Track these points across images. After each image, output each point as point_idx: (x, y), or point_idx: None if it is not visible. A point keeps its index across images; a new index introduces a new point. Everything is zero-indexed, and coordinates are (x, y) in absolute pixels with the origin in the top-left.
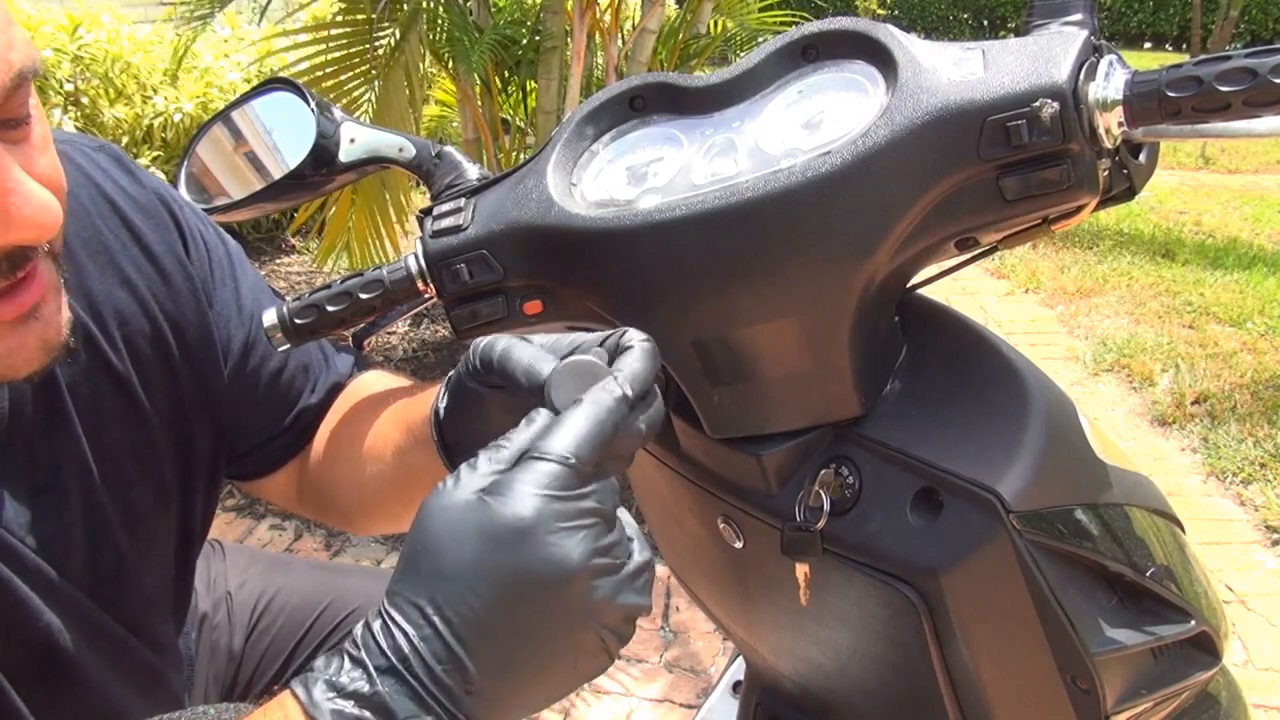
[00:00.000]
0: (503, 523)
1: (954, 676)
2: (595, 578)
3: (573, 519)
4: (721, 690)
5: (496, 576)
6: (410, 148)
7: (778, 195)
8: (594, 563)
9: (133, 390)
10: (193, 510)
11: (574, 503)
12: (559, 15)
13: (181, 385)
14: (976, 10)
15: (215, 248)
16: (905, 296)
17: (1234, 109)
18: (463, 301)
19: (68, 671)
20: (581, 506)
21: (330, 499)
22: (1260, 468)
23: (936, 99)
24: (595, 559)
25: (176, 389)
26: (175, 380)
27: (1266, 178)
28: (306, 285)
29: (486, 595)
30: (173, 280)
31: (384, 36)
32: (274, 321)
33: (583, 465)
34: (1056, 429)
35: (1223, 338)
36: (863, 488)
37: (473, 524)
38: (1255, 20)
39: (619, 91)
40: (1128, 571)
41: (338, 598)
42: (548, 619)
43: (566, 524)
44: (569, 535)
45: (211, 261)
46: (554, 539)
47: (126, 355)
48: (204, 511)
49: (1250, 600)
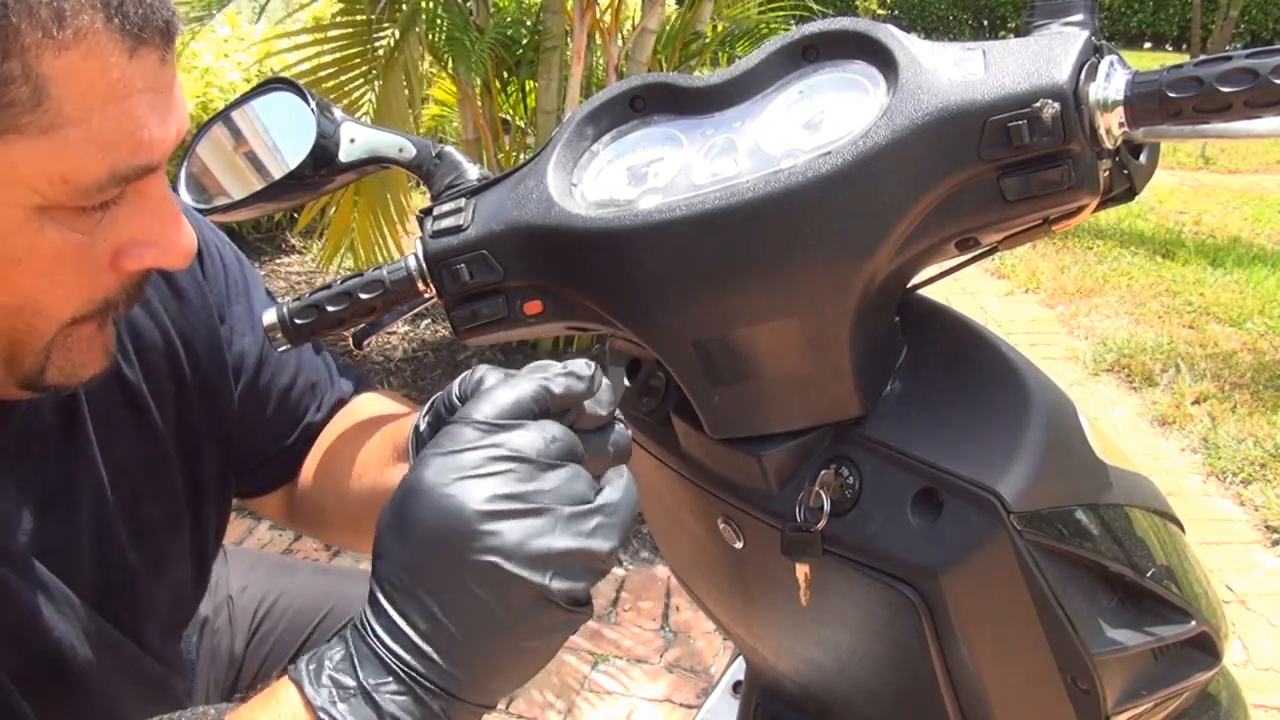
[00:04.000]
0: (407, 487)
1: (954, 677)
2: (498, 521)
3: (472, 468)
4: (721, 690)
5: (408, 537)
6: (410, 148)
7: (778, 195)
8: (497, 507)
9: (144, 403)
10: (204, 527)
11: (473, 453)
12: (559, 15)
13: (192, 401)
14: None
15: (231, 264)
16: (905, 297)
17: (1235, 109)
18: (463, 301)
19: (73, 680)
20: (484, 455)
21: (320, 514)
22: (1260, 468)
23: (937, 99)
24: (500, 504)
25: (187, 404)
26: (186, 395)
27: (1266, 178)
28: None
29: (404, 557)
30: (186, 296)
31: (383, 37)
32: (274, 321)
33: (487, 420)
34: (1056, 429)
35: (1223, 338)
36: (863, 488)
37: (395, 499)
38: (1255, 20)
39: (619, 92)
40: (1128, 572)
41: (340, 602)
42: (455, 567)
43: (463, 474)
44: (466, 484)
45: (227, 278)
46: (450, 489)
47: (139, 368)
48: (216, 529)
49: (1250, 600)
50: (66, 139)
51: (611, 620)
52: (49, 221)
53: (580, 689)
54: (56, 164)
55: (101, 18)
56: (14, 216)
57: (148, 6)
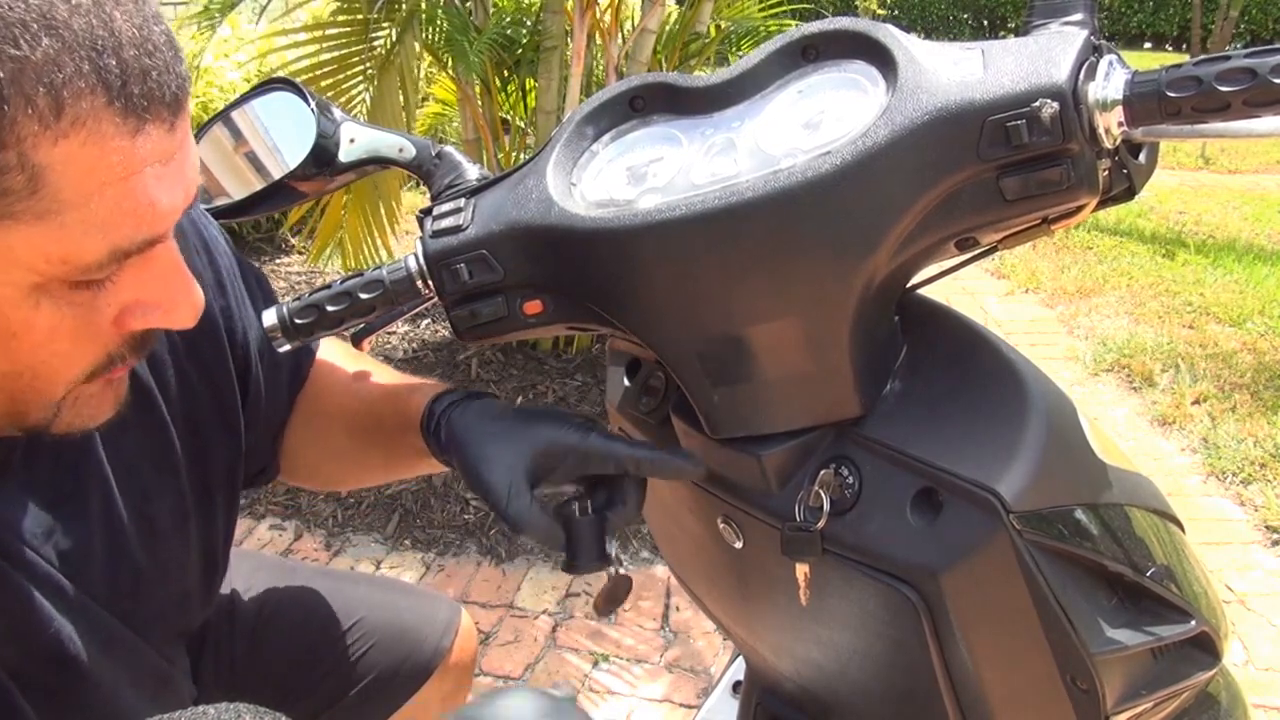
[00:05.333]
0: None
1: (954, 676)
2: None
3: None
4: (721, 690)
5: None
6: (410, 148)
7: (778, 195)
8: None
9: (152, 398)
10: (213, 527)
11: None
12: (559, 15)
13: (197, 392)
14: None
15: (225, 254)
16: (905, 296)
17: (1234, 109)
18: (463, 302)
19: (77, 677)
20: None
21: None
22: (1260, 468)
23: (936, 99)
24: None
25: (194, 400)
26: (192, 392)
27: (1266, 178)
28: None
29: None
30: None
31: (381, 36)
32: (274, 321)
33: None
34: (1056, 429)
35: (1223, 338)
36: (863, 488)
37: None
38: (1255, 20)
39: (619, 92)
40: (1128, 571)
41: (341, 606)
42: None
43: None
44: None
45: (223, 267)
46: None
47: (146, 363)
48: (225, 529)
49: (1250, 600)
50: (64, 223)
51: (612, 620)
52: (45, 296)
53: (580, 688)
54: (54, 247)
55: (103, 101)
56: (9, 295)
57: (154, 82)
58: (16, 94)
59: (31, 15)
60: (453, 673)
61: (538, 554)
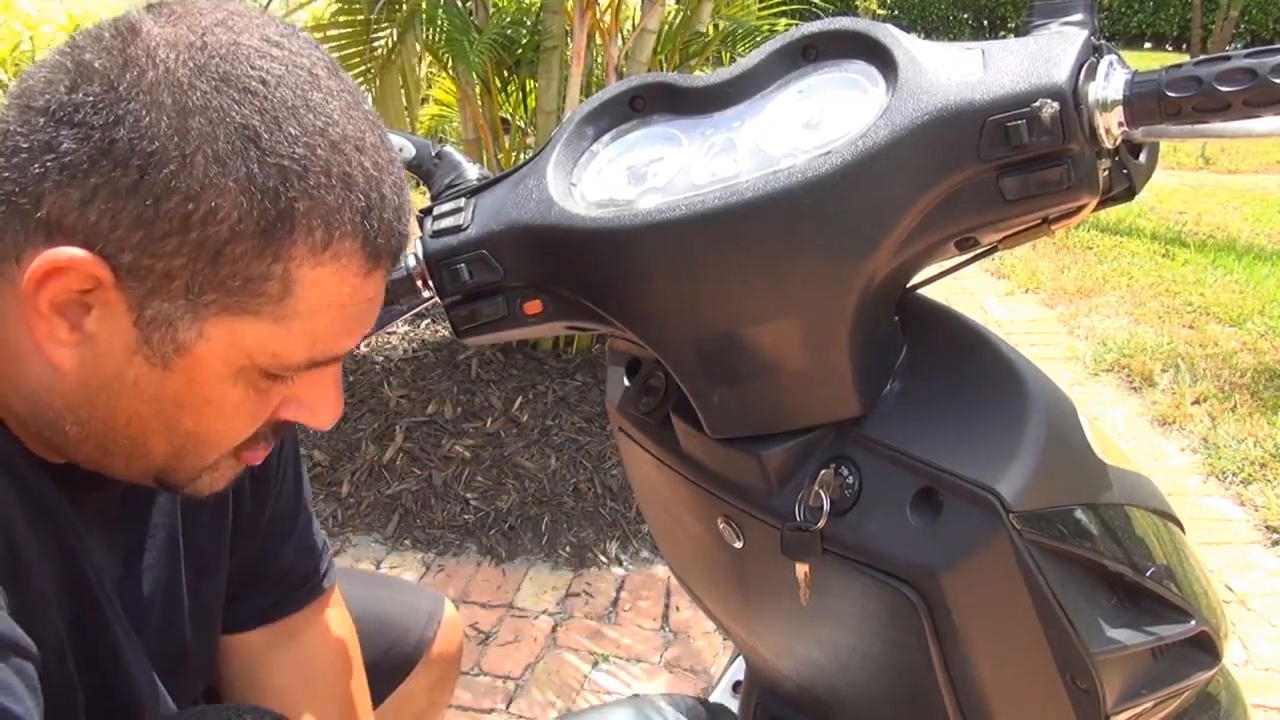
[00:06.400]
0: None
1: (954, 676)
2: None
3: None
4: (721, 690)
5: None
6: (410, 147)
7: (778, 195)
8: None
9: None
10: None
11: None
12: (559, 15)
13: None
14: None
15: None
16: (905, 296)
17: (1234, 109)
18: (463, 301)
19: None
20: None
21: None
22: (1260, 468)
23: (936, 99)
24: None
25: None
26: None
27: (1266, 178)
28: None
29: None
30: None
31: (382, 37)
32: None
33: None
34: (1056, 429)
35: (1223, 338)
36: (863, 488)
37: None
38: (1255, 20)
39: (619, 91)
40: (1128, 571)
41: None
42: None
43: None
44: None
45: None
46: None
47: None
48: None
49: (1250, 600)
50: (290, 328)
51: (611, 620)
52: (243, 378)
53: (580, 688)
54: (274, 344)
55: (358, 245)
56: (220, 371)
57: (397, 235)
58: (304, 224)
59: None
60: (437, 664)
61: (538, 554)
